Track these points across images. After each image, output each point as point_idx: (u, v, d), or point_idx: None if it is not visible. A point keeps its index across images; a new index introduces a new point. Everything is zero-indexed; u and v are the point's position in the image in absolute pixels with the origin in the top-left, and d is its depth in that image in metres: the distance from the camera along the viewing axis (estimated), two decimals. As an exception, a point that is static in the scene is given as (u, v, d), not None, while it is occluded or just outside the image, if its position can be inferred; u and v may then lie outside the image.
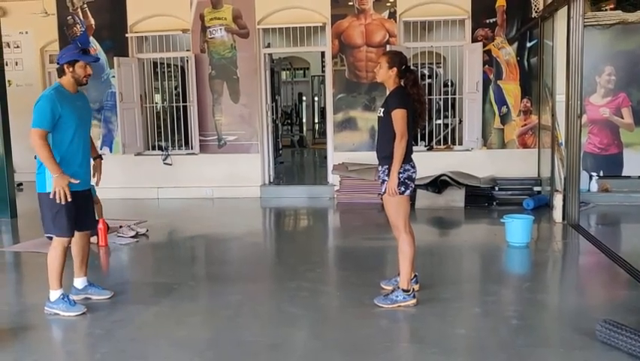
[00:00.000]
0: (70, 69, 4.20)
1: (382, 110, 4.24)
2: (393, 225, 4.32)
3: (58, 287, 4.30)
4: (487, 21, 8.66)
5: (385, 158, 4.18)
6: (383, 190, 4.23)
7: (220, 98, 9.30)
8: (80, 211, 4.31)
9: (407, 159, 4.17)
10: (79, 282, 4.59)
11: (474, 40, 8.69)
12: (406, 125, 4.08)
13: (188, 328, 4.00)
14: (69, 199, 4.05)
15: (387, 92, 4.35)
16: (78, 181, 4.10)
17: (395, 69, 4.21)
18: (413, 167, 4.24)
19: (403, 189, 4.15)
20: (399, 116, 4.07)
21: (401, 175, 4.12)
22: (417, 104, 4.20)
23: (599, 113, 8.32)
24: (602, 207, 7.88)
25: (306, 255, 5.96)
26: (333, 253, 6.47)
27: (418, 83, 4.25)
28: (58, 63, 4.26)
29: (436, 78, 10.06)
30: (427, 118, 4.35)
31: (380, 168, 4.29)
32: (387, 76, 4.24)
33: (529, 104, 8.68)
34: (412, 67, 4.40)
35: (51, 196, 4.06)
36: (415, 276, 4.55)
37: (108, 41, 9.49)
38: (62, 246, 4.27)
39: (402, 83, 4.23)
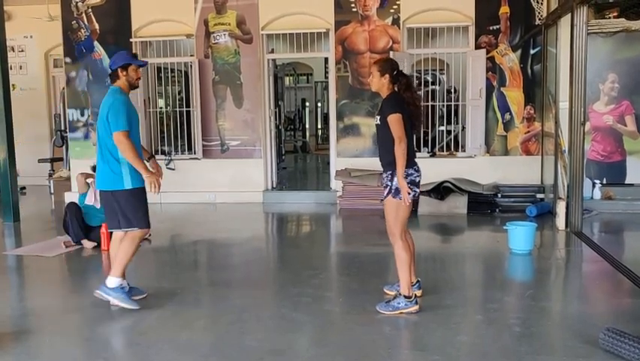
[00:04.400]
0: (124, 73, 4.43)
1: (378, 117, 4.24)
2: (389, 230, 4.30)
3: (120, 275, 4.41)
4: (491, 28, 8.67)
5: (388, 164, 4.18)
6: (385, 194, 4.22)
7: (223, 103, 9.33)
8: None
9: (410, 163, 4.15)
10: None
11: (477, 47, 8.71)
12: (402, 129, 4.06)
13: (192, 333, 3.99)
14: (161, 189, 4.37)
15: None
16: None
17: (387, 76, 4.21)
18: (417, 170, 4.21)
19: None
20: (394, 121, 4.07)
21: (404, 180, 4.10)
22: (412, 107, 4.17)
23: (603, 121, 8.33)
24: (605, 214, 7.86)
25: (308, 261, 5.96)
26: (335, 258, 6.46)
27: (411, 87, 4.24)
28: (111, 69, 4.50)
29: (439, 85, 10.07)
30: (422, 120, 4.36)
31: (384, 174, 4.28)
32: (380, 84, 4.25)
33: (532, 111, 8.68)
34: (403, 71, 4.39)
35: (151, 191, 4.33)
36: (418, 281, 4.55)
37: (112, 46, 9.51)
38: (140, 238, 4.45)
39: (395, 89, 4.23)
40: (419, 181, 4.23)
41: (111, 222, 4.52)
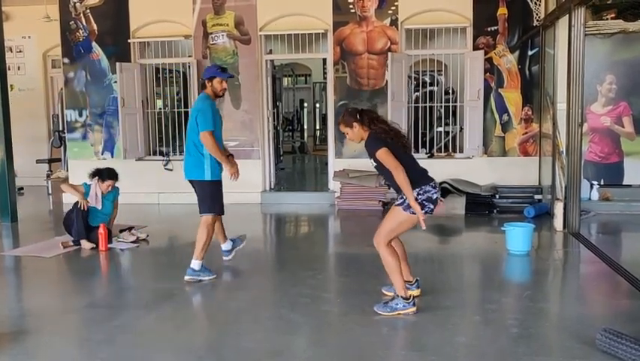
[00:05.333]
0: (210, 83, 5.16)
1: (372, 160, 4.28)
2: (378, 235, 4.28)
3: (202, 258, 5.20)
4: (489, 29, 8.68)
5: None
6: (397, 203, 4.23)
7: (221, 104, 9.30)
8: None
9: (425, 180, 4.17)
10: (226, 245, 5.73)
11: (475, 48, 8.72)
12: (393, 158, 4.09)
13: (189, 333, 3.99)
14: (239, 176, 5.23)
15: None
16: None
17: (355, 124, 4.27)
18: (434, 187, 4.20)
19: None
20: (383, 155, 4.11)
21: (420, 197, 4.11)
22: (385, 135, 4.19)
23: (600, 122, 8.33)
24: (602, 215, 7.87)
25: (306, 261, 5.96)
26: (333, 259, 6.47)
27: (375, 119, 4.28)
28: (202, 79, 5.26)
29: (437, 86, 10.09)
30: (407, 139, 4.43)
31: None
32: (356, 134, 4.31)
33: (530, 112, 8.69)
34: (363, 108, 4.45)
35: (230, 177, 5.21)
36: (417, 281, 4.57)
37: (110, 47, 9.53)
38: (209, 223, 5.23)
39: (372, 127, 4.26)
40: (436, 198, 4.21)
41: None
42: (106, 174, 6.57)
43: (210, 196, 5.22)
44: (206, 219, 5.21)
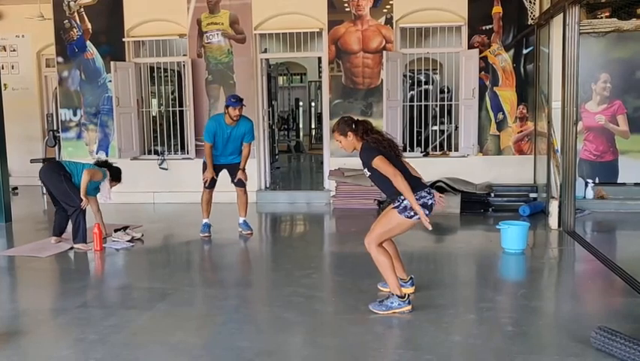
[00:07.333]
0: (226, 110, 6.56)
1: (365, 169, 4.28)
2: (369, 236, 4.27)
3: (204, 217, 6.87)
4: (484, 28, 8.69)
5: (395, 194, 4.18)
6: (393, 206, 4.22)
7: (216, 103, 9.30)
8: (230, 174, 6.94)
9: (419, 186, 4.18)
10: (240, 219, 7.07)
11: (470, 46, 8.72)
12: (390, 165, 4.10)
13: (183, 333, 3.98)
14: (208, 183, 6.84)
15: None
16: (213, 175, 6.82)
17: (350, 133, 4.28)
18: (429, 193, 4.21)
19: (412, 213, 4.13)
20: (380, 163, 4.11)
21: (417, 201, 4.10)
22: (380, 146, 4.18)
23: (595, 121, 8.35)
24: (597, 214, 7.89)
25: (301, 260, 5.95)
26: (328, 258, 6.46)
27: (369, 130, 4.27)
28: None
29: (432, 84, 10.09)
30: (400, 148, 4.41)
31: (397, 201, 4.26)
32: (350, 144, 4.33)
33: (525, 111, 8.70)
34: (358, 119, 4.44)
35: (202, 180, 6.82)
36: (411, 278, 4.57)
37: (105, 46, 9.50)
38: (203, 193, 6.92)
39: (366, 137, 4.25)
40: (432, 204, 4.21)
41: None
42: (117, 176, 6.72)
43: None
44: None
